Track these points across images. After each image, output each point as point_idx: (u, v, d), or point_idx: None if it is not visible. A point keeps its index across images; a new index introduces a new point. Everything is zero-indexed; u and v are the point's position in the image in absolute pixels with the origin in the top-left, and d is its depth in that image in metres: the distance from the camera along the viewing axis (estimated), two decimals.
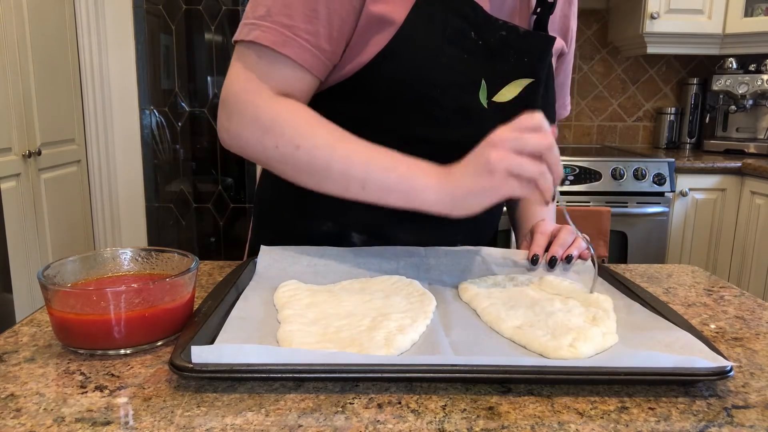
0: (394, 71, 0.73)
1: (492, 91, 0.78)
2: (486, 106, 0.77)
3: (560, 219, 0.97)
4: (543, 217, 0.91)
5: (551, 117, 0.88)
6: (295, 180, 0.72)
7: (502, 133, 0.62)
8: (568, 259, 0.76)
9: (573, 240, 0.79)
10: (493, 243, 0.97)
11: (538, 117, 0.62)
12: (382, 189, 0.68)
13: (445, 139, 0.77)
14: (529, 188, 0.61)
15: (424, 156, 0.76)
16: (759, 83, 2.54)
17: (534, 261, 0.77)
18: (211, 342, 0.53)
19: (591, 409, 0.46)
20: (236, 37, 0.72)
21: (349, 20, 0.72)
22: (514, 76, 0.79)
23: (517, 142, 0.61)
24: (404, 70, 0.73)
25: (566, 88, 0.99)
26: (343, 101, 0.78)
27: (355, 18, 0.72)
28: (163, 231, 3.11)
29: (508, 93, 0.79)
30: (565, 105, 1.00)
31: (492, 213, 0.95)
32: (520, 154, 0.61)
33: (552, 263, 0.76)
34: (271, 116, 0.70)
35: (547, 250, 0.79)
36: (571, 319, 0.60)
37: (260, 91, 0.71)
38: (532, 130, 0.61)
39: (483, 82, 0.77)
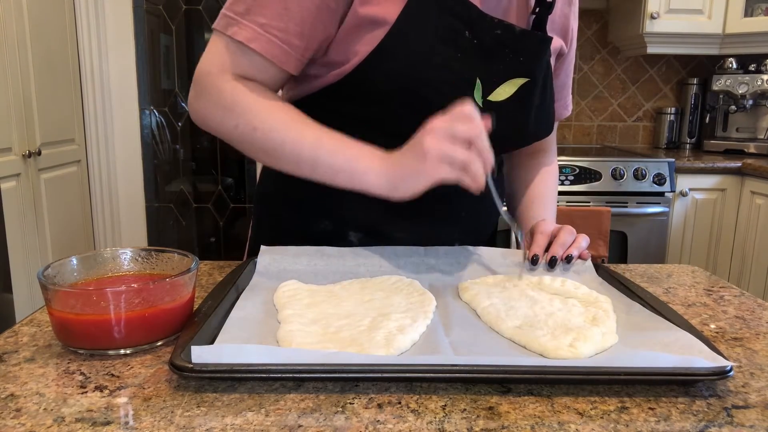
0: (387, 71, 0.74)
1: (487, 90, 0.78)
2: (481, 105, 0.77)
3: (561, 219, 0.97)
4: (543, 218, 0.91)
5: (550, 117, 0.88)
6: (255, 158, 0.78)
7: (437, 121, 0.66)
8: (568, 259, 0.76)
9: (573, 240, 0.79)
10: (492, 243, 0.97)
11: (468, 107, 0.65)
12: (330, 170, 0.72)
13: None
14: (460, 174, 0.65)
15: None
16: (759, 83, 2.54)
17: (534, 261, 0.77)
18: (211, 342, 0.53)
19: (591, 409, 0.46)
20: (215, 25, 0.76)
21: (323, 17, 0.74)
22: (509, 76, 0.79)
23: (449, 129, 0.65)
24: (396, 69, 0.74)
25: (567, 88, 0.99)
26: (336, 101, 0.79)
27: (331, 15, 0.74)
28: (163, 231, 3.11)
29: (503, 92, 0.79)
30: (566, 105, 1.00)
31: (489, 212, 0.94)
32: (452, 141, 0.64)
33: (552, 263, 0.76)
34: (232, 98, 0.74)
35: (547, 250, 0.79)
36: (571, 319, 0.60)
37: (225, 75, 0.75)
38: (463, 118, 0.65)
39: (478, 81, 0.77)
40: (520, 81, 0.79)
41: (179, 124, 3.06)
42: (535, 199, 0.98)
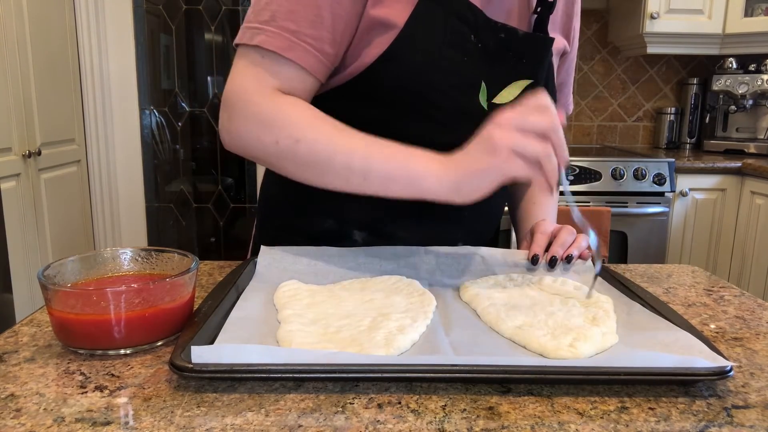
0: (395, 74, 0.74)
1: (492, 93, 0.78)
2: (486, 108, 0.78)
3: (562, 219, 0.97)
4: (543, 217, 0.91)
5: None
6: (296, 175, 0.72)
7: (507, 113, 0.62)
8: (568, 259, 0.76)
9: (573, 240, 0.79)
10: (493, 243, 0.97)
11: (543, 97, 0.61)
12: (384, 179, 0.67)
13: (446, 142, 0.77)
14: (534, 169, 0.61)
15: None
16: (759, 83, 2.54)
17: (534, 261, 0.77)
18: (211, 342, 0.53)
19: (591, 409, 0.46)
20: (238, 40, 0.72)
21: (351, 24, 0.72)
22: (513, 78, 0.79)
23: (522, 120, 0.60)
24: (405, 72, 0.74)
25: (568, 86, 0.99)
26: (343, 102, 0.78)
27: (357, 21, 0.73)
28: (163, 231, 3.11)
29: (507, 94, 0.79)
30: (567, 104, 1.00)
31: (492, 212, 0.94)
32: (524, 133, 0.60)
33: (552, 263, 0.76)
34: (271, 112, 0.70)
35: (547, 249, 0.79)
36: (571, 319, 0.60)
37: (261, 89, 0.71)
38: (537, 110, 0.61)
39: (483, 84, 0.77)
40: (524, 83, 0.79)
41: (179, 124, 3.06)
42: (535, 198, 0.98)
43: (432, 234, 0.84)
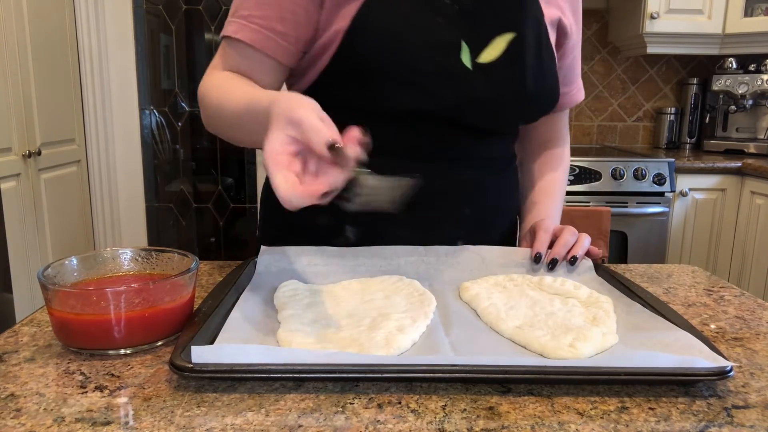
0: (367, 41, 0.75)
1: (475, 52, 0.78)
2: (470, 67, 0.77)
3: (561, 219, 0.97)
4: (550, 212, 0.91)
5: (551, 80, 0.85)
6: (229, 136, 0.79)
7: None
8: (572, 261, 0.76)
9: (576, 240, 0.78)
10: (509, 243, 0.95)
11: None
12: (257, 130, 0.68)
13: (436, 108, 0.78)
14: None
15: (416, 131, 0.80)
16: (759, 83, 2.54)
17: (537, 259, 0.77)
18: (211, 342, 0.53)
19: (591, 409, 0.46)
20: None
21: (301, 1, 0.76)
22: (495, 34, 0.79)
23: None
24: (376, 38, 0.75)
25: (576, 70, 0.97)
26: (333, 89, 0.80)
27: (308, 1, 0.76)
28: (163, 231, 3.11)
29: (492, 51, 0.78)
30: (579, 88, 0.99)
31: (498, 212, 0.93)
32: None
33: (552, 264, 0.76)
34: (212, 84, 0.79)
35: (549, 248, 0.79)
36: (571, 319, 0.60)
37: (212, 70, 0.81)
38: None
39: (463, 43, 0.77)
40: (507, 37, 0.78)
41: (179, 124, 3.06)
42: (543, 192, 0.97)
43: (429, 233, 0.83)
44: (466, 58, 0.77)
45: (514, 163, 0.97)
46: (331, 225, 0.84)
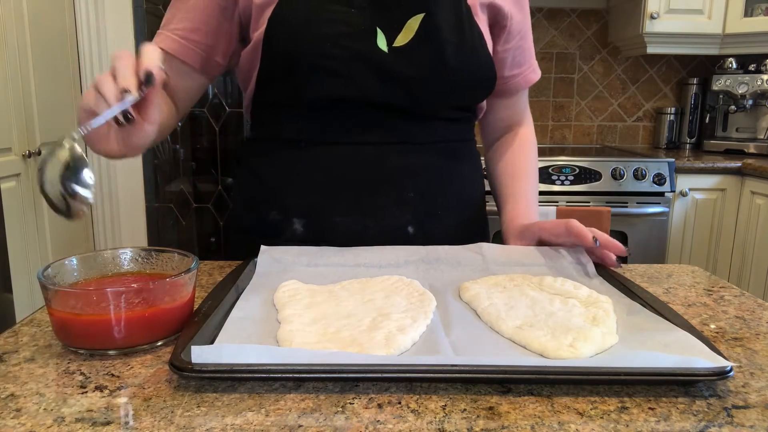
0: (284, 36, 0.80)
1: (391, 37, 0.81)
2: (387, 51, 0.81)
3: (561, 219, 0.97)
4: (527, 194, 0.94)
5: (479, 56, 0.86)
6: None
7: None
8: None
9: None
10: (476, 233, 0.95)
11: (147, 47, 0.68)
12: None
13: (355, 96, 0.82)
14: (99, 98, 0.62)
15: (354, 118, 0.84)
16: (759, 83, 2.54)
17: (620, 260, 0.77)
18: (211, 342, 0.53)
19: (591, 409, 0.46)
20: None
21: (215, 13, 0.85)
22: (408, 18, 0.82)
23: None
24: (291, 32, 0.79)
25: (526, 50, 0.98)
26: (266, 87, 0.86)
27: (222, 11, 0.85)
28: (163, 231, 3.11)
29: (406, 35, 0.82)
30: (533, 69, 1.00)
31: (448, 194, 0.91)
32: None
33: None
34: None
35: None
36: (571, 319, 0.60)
37: None
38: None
39: (378, 30, 0.81)
40: (417, 18, 0.82)
41: (179, 124, 3.06)
42: (516, 174, 0.98)
43: (377, 219, 0.85)
44: (382, 43, 0.81)
45: (470, 148, 0.97)
46: (279, 221, 0.87)
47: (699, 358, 0.49)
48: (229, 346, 0.49)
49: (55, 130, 2.43)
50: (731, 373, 0.48)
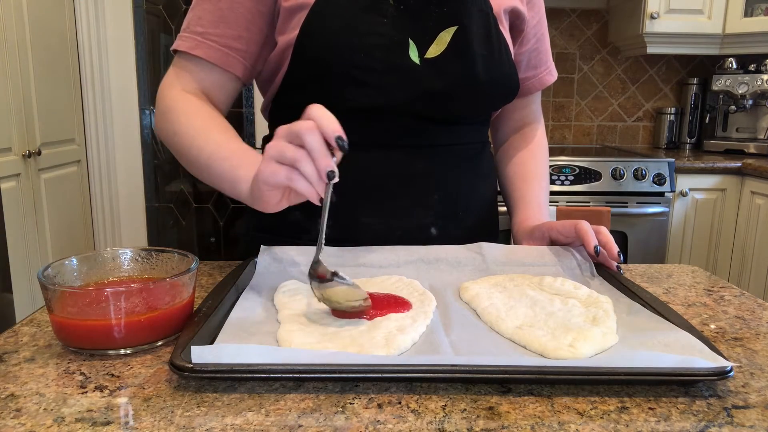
0: (314, 48, 0.79)
1: (423, 49, 0.81)
2: (419, 63, 0.80)
3: (561, 219, 0.97)
4: (538, 196, 0.93)
5: (507, 67, 0.86)
6: (183, 165, 0.81)
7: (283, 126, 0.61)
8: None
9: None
10: (488, 235, 0.95)
11: (314, 109, 0.59)
12: (218, 177, 0.74)
13: (386, 106, 0.81)
14: (290, 173, 0.59)
15: (380, 124, 0.82)
16: (759, 83, 2.54)
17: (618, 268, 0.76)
18: (211, 342, 0.53)
19: (591, 409, 0.46)
20: (171, 49, 0.84)
21: (256, 20, 0.82)
22: (440, 29, 0.81)
23: (289, 128, 0.59)
24: (323, 42, 0.78)
25: (544, 53, 0.98)
26: (293, 89, 0.84)
27: (263, 18, 0.82)
28: (163, 231, 3.11)
29: (438, 47, 0.81)
30: (549, 71, 1.00)
31: (470, 196, 0.91)
32: (290, 139, 0.59)
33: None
34: (167, 106, 0.81)
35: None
36: (571, 319, 0.60)
37: (174, 86, 0.82)
38: (305, 118, 0.59)
39: (410, 41, 0.80)
40: (450, 30, 0.81)
41: None
42: (527, 177, 0.98)
43: (401, 219, 0.85)
44: (414, 55, 0.80)
45: (487, 149, 0.98)
46: (301, 221, 0.87)
47: (699, 358, 0.49)
48: (229, 346, 0.49)
49: (55, 130, 2.43)
50: (731, 373, 0.48)
